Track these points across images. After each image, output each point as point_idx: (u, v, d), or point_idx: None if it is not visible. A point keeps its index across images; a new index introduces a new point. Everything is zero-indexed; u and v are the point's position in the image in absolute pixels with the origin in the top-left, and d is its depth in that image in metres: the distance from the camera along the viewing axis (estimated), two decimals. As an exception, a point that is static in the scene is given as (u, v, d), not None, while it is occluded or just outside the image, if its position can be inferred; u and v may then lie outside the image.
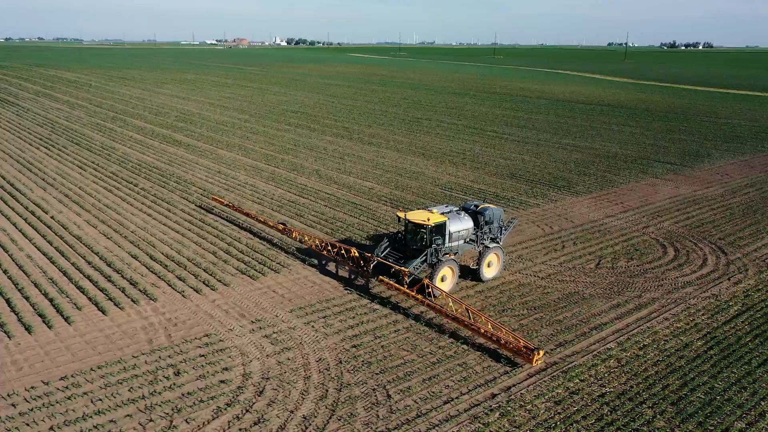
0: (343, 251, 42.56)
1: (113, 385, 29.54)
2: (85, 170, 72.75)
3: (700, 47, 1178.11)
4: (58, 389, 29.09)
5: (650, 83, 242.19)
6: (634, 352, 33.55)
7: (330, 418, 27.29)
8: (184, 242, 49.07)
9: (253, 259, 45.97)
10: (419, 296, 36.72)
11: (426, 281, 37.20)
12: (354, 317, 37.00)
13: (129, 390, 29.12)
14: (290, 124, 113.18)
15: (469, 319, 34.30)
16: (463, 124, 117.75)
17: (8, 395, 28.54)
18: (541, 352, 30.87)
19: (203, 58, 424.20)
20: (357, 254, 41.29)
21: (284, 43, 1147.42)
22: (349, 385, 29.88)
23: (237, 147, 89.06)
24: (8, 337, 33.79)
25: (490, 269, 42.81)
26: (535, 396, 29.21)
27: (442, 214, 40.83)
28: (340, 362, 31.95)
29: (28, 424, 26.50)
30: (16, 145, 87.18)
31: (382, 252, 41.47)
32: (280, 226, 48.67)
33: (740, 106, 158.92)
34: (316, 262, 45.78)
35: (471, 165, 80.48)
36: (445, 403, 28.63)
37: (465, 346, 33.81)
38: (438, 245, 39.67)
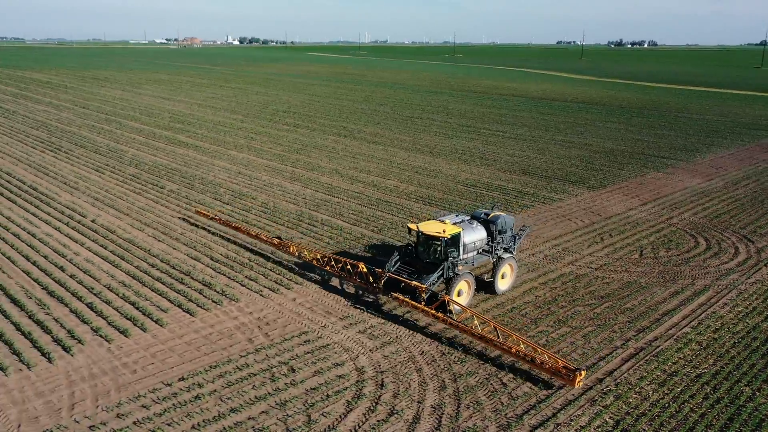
0: (349, 266, 39.60)
1: (235, 383, 29.90)
2: (103, 173, 71.61)
3: (646, 45, 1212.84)
4: (182, 390, 29.32)
5: (613, 81, 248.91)
6: (709, 336, 35.47)
7: (458, 407, 28.27)
8: (238, 250, 49.14)
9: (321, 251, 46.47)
10: (440, 314, 34.16)
11: (446, 298, 35.11)
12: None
13: (253, 388, 29.54)
14: (288, 124, 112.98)
15: (498, 337, 31.95)
16: (456, 122, 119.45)
17: (135, 397, 28.68)
18: (583, 373, 28.57)
19: (162, 57, 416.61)
20: (366, 269, 38.86)
21: (237, 42, 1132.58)
22: (462, 375, 30.90)
23: (246, 148, 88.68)
24: (107, 341, 33.69)
25: (504, 281, 40.58)
26: (639, 379, 30.76)
27: (455, 224, 38.59)
28: (443, 354, 32.93)
29: (169, 424, 26.75)
30: (20, 149, 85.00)
31: (394, 266, 38.78)
32: (276, 241, 45.55)
33: (707, 103, 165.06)
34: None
35: (481, 162, 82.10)
36: (561, 386, 29.94)
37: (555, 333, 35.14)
38: (454, 258, 37.15)
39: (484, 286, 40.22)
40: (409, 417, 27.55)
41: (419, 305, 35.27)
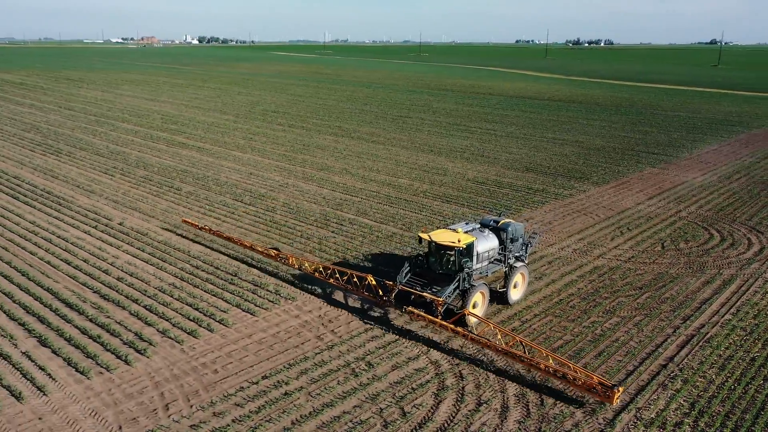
0: (356, 279, 37.50)
1: (319, 379, 30.42)
2: (113, 176, 70.73)
3: (602, 44, 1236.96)
4: (269, 387, 29.72)
5: (581, 79, 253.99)
6: (750, 321, 37.31)
7: (541, 394, 29.37)
8: (277, 244, 49.41)
9: (377, 247, 47.01)
10: (460, 329, 32.64)
11: (467, 312, 33.74)
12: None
13: (338, 383, 30.11)
14: (281, 124, 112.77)
15: (525, 353, 30.51)
16: (445, 121, 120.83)
17: (225, 396, 28.99)
18: (621, 389, 27.37)
19: (125, 57, 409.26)
20: (374, 282, 36.78)
21: (196, 42, 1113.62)
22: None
23: (248, 148, 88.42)
24: (177, 342, 33.80)
25: (516, 290, 39.07)
26: (699, 364, 32.31)
27: (467, 233, 36.92)
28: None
29: (268, 421, 27.18)
30: (18, 152, 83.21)
31: (405, 278, 36.81)
32: (273, 252, 43.19)
33: (676, 100, 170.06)
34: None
35: (483, 160, 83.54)
36: (630, 373, 31.30)
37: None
38: (469, 268, 35.65)
39: (494, 297, 38.57)
40: (497, 406, 28.49)
41: (437, 320, 33.43)
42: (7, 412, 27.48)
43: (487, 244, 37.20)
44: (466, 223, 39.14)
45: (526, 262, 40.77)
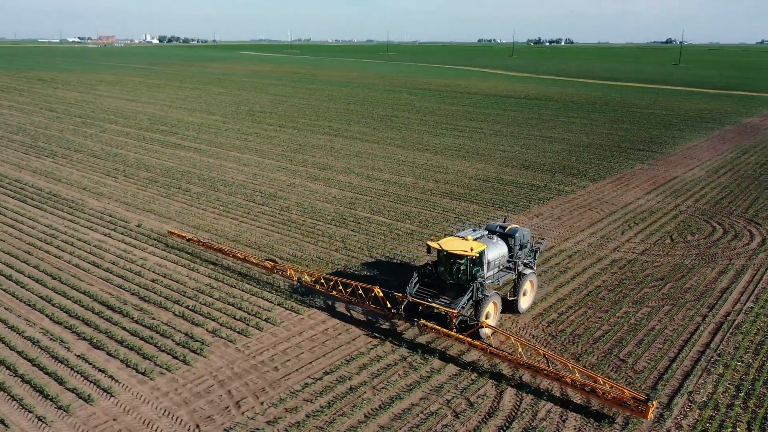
0: (361, 290, 36.05)
1: (380, 374, 31.04)
2: (116, 178, 69.95)
3: (563, 43, 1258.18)
4: (333, 382, 30.26)
5: (550, 78, 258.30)
6: (771, 309, 39.21)
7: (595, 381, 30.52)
8: (302, 244, 49.77)
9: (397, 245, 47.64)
10: (477, 343, 31.56)
11: (485, 323, 32.65)
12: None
13: (399, 377, 30.80)
14: (271, 124, 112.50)
15: (548, 365, 29.79)
16: (431, 120, 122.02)
17: (293, 393, 29.46)
18: (655, 402, 26.50)
19: (88, 57, 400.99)
20: (382, 294, 35.29)
21: (156, 41, 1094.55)
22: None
23: (245, 149, 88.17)
24: (229, 341, 34.08)
25: (526, 298, 37.97)
26: (734, 349, 33.95)
27: (476, 240, 35.74)
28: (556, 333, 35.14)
29: (341, 415, 27.77)
30: (12, 155, 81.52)
31: (414, 289, 35.47)
32: (269, 264, 41.22)
33: (647, 98, 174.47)
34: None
35: (479, 158, 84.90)
36: (673, 360, 32.73)
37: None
38: (482, 277, 34.53)
39: (504, 306, 37.14)
40: (556, 393, 29.57)
41: (452, 333, 32.11)
42: (79, 414, 27.49)
43: (496, 251, 36.16)
44: (474, 230, 38.11)
45: (535, 269, 39.52)
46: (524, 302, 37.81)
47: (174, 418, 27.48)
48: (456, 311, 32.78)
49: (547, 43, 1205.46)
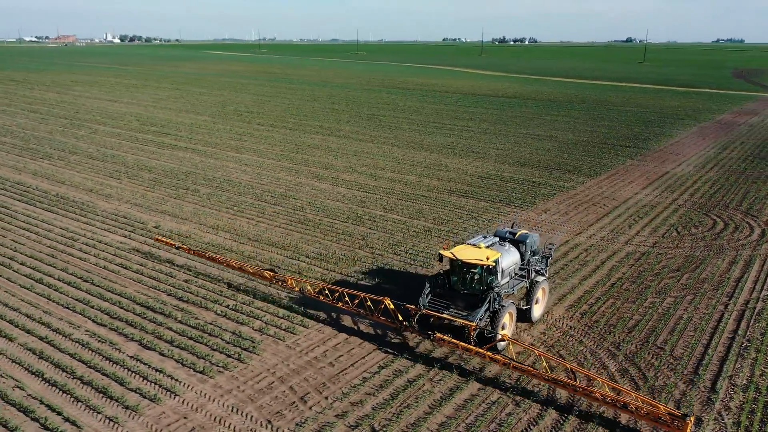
0: (369, 303, 34.41)
1: (433, 366, 31.83)
2: (120, 180, 69.26)
3: (527, 42, 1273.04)
4: (390, 376, 30.91)
5: (523, 76, 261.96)
6: (786, 296, 41.15)
7: (642, 374, 31.82)
8: (328, 246, 50.19)
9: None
10: (499, 357, 29.79)
11: (505, 336, 31.14)
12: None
13: (452, 370, 31.62)
14: (262, 124, 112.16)
15: (575, 380, 28.35)
16: (418, 119, 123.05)
17: (354, 387, 30.01)
18: (692, 418, 24.83)
19: (53, 57, 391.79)
20: (392, 306, 33.51)
21: (117, 40, 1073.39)
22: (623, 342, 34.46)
23: (243, 149, 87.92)
24: (279, 339, 34.46)
25: (538, 306, 36.70)
26: (761, 334, 35.63)
27: (488, 247, 34.57)
28: (608, 328, 36.35)
29: (407, 407, 28.45)
30: (6, 157, 79.87)
31: (427, 300, 33.89)
32: (268, 274, 38.92)
33: (620, 95, 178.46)
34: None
35: (475, 156, 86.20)
36: (707, 346, 34.24)
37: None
38: (498, 287, 33.34)
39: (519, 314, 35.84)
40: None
41: (471, 347, 30.57)
42: (149, 414, 27.65)
43: (509, 258, 34.79)
44: (484, 237, 36.29)
45: (547, 276, 38.32)
46: (537, 310, 36.46)
47: (243, 414, 27.83)
48: (474, 324, 31.31)
49: (512, 42, 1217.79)
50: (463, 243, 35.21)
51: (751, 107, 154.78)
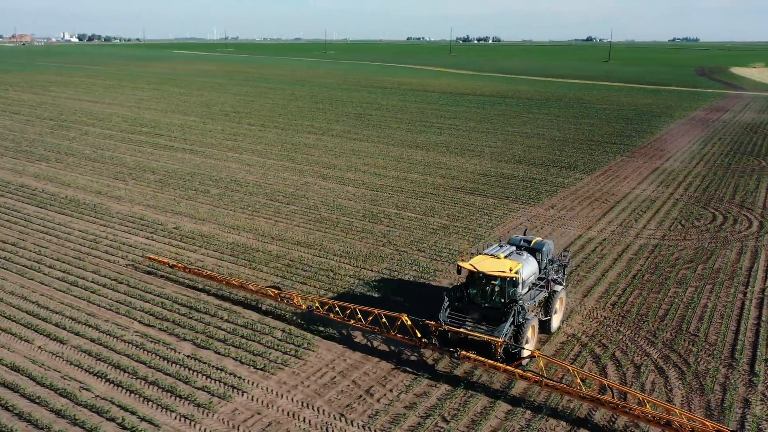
0: (384, 320, 32.54)
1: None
2: (126, 181, 68.66)
3: (490, 41, 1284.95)
4: (449, 367, 31.85)
5: (496, 75, 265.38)
6: (796, 284, 43.40)
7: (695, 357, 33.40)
8: (352, 244, 50.83)
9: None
10: (530, 374, 28.40)
11: (536, 353, 29.31)
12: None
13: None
14: (252, 124, 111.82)
15: (614, 397, 27.11)
16: (405, 118, 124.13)
17: (414, 379, 30.86)
18: None
19: (15, 57, 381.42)
20: (410, 322, 31.89)
21: (76, 39, 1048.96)
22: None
23: (240, 149, 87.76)
24: (331, 335, 35.05)
25: (556, 317, 35.54)
26: (783, 320, 37.61)
27: (506, 257, 33.36)
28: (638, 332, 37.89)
29: (472, 396, 29.45)
30: (1, 160, 78.21)
31: (446, 315, 32.25)
32: (272, 292, 36.83)
33: (594, 93, 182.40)
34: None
35: (471, 154, 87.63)
36: (736, 332, 36.02)
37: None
38: (522, 299, 32.04)
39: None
40: (653, 367, 32.19)
41: (499, 364, 29.06)
42: (222, 411, 28.07)
43: (528, 268, 33.45)
44: (500, 246, 35.19)
45: (564, 284, 37.08)
46: (555, 321, 35.28)
47: (315, 408, 28.43)
48: (501, 340, 29.89)
49: (476, 41, 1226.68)
50: (480, 253, 33.89)
51: (720, 104, 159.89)
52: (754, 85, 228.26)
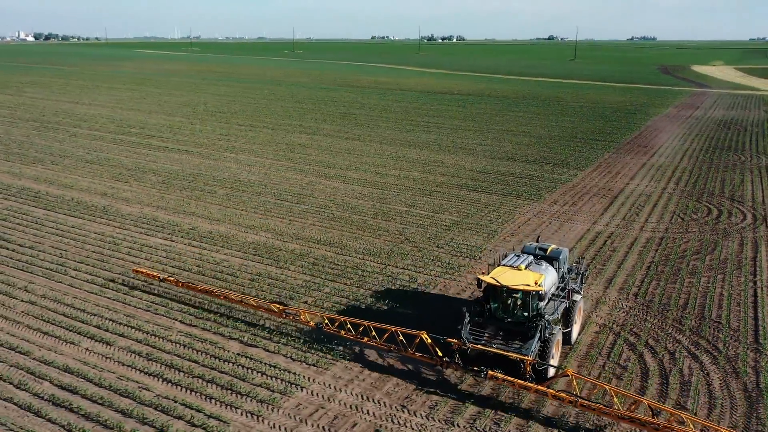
0: (402, 337, 30.57)
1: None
2: (130, 183, 68.03)
3: (455, 40, 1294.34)
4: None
5: (467, 74, 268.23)
6: (799, 272, 45.70)
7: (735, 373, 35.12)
8: (371, 242, 51.50)
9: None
10: (563, 395, 26.74)
11: (570, 372, 27.45)
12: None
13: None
14: (241, 124, 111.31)
15: (654, 417, 25.22)
16: (390, 116, 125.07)
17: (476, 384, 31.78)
18: None
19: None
20: (429, 340, 30.06)
21: (32, 38, 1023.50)
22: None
23: (237, 150, 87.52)
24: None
25: (575, 327, 34.14)
26: (796, 306, 39.71)
27: (528, 267, 31.86)
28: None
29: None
30: (-7, 163, 76.71)
31: (468, 331, 30.44)
32: (276, 307, 34.45)
33: (569, 92, 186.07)
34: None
35: (464, 152, 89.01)
36: (755, 318, 37.93)
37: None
38: (548, 313, 30.62)
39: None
40: (700, 369, 33.77)
41: (530, 384, 27.44)
42: (286, 406, 28.57)
43: (550, 279, 31.96)
44: (517, 256, 33.66)
45: (583, 293, 36.01)
46: (574, 332, 33.92)
47: (375, 401, 29.11)
48: (531, 358, 28.40)
49: (440, 40, 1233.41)
50: (500, 265, 32.25)
51: (689, 101, 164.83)
52: (716, 82, 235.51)
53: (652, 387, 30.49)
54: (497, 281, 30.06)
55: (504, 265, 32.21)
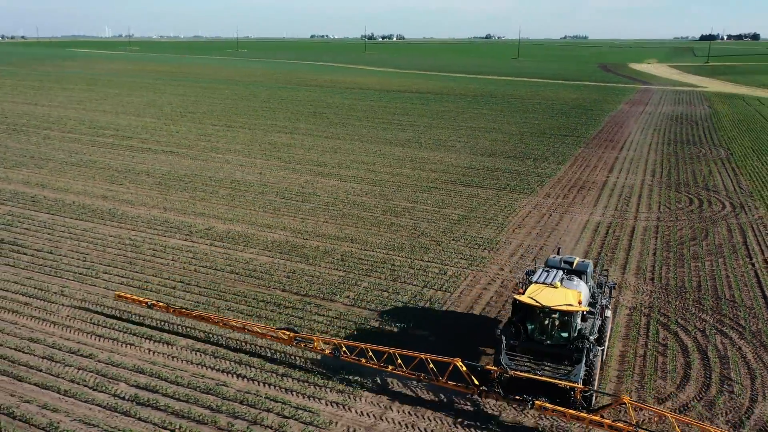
0: (432, 365, 27.88)
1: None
2: (125, 186, 66.76)
3: (395, 39, 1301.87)
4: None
5: (418, 72, 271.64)
6: (788, 254, 49.58)
7: None
8: (388, 237, 52.59)
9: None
10: (622, 425, 24.10)
11: (626, 399, 24.51)
12: None
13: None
14: (215, 125, 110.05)
15: None
16: (363, 115, 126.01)
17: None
18: None
19: None
20: (465, 368, 27.32)
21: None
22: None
23: (222, 150, 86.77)
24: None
25: (606, 343, 31.99)
26: (795, 285, 43.26)
27: (562, 283, 29.80)
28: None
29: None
30: (-28, 168, 73.68)
31: (506, 357, 27.83)
32: (285, 335, 31.19)
33: (523, 89, 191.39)
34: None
35: (446, 149, 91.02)
36: (764, 297, 41.21)
37: None
38: (592, 334, 28.65)
39: None
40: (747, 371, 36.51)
41: (584, 414, 25.03)
42: (367, 395, 29.49)
43: (584, 295, 29.90)
44: (546, 272, 31.40)
45: (611, 307, 34.80)
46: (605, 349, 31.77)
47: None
48: (581, 386, 26.18)
49: (380, 39, 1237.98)
50: (534, 282, 29.92)
51: (637, 98, 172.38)
52: (656, 80, 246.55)
53: (695, 362, 32.87)
54: (539, 302, 27.88)
55: (537, 282, 29.95)
